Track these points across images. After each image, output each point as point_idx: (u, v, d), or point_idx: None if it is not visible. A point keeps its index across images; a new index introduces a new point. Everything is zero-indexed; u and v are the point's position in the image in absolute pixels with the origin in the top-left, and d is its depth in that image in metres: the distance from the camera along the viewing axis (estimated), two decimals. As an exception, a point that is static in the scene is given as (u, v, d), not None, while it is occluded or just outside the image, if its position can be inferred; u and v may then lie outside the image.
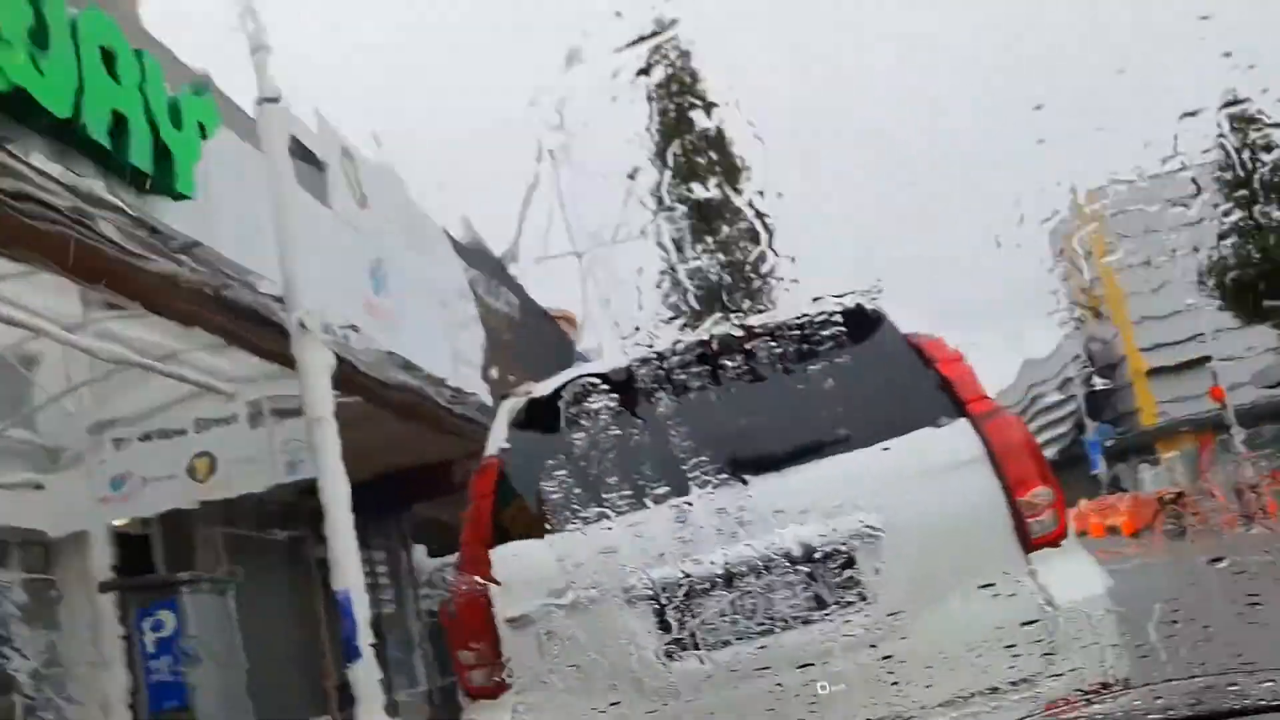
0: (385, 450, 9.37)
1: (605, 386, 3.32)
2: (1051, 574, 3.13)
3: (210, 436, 7.79)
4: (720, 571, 3.11)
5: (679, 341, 3.42)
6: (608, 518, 3.19)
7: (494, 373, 10.63)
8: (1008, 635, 2.95)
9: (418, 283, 9.59)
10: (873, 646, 3.01)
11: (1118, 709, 1.24)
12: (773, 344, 3.34)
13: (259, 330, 6.45)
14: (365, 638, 4.86)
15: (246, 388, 7.90)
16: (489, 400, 9.96)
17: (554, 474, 3.70)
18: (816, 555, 3.14)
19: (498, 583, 3.38)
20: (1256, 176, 24.24)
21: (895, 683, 2.85)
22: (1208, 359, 32.48)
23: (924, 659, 2.92)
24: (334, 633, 11.20)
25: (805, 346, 3.36)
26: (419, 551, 16.48)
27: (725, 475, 3.15)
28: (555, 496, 3.64)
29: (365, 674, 4.86)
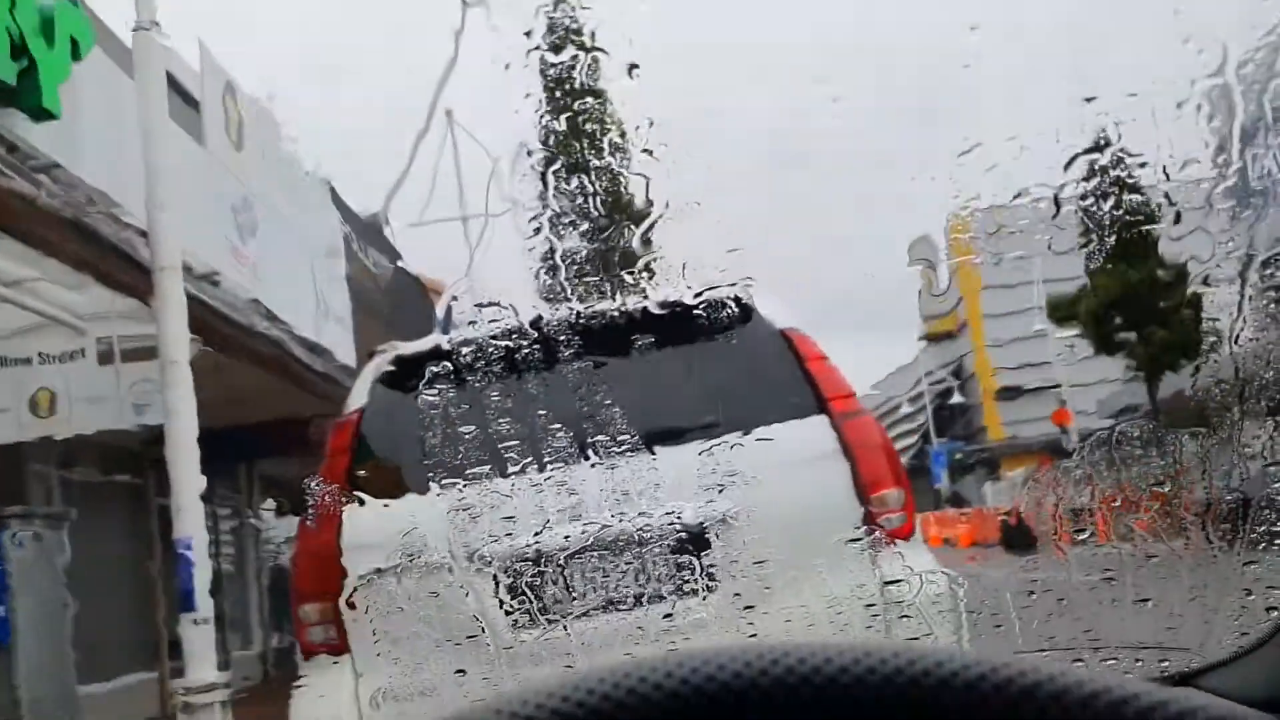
0: (239, 402, 9.13)
1: (471, 354, 3.28)
2: (895, 570, 3.22)
3: (55, 371, 7.46)
4: (570, 546, 3.11)
5: (551, 317, 3.40)
6: (462, 484, 3.16)
7: (359, 333, 10.44)
8: (850, 625, 3.03)
9: (288, 233, 9.35)
10: (718, 629, 3.05)
11: None
12: (644, 326, 3.35)
13: (117, 264, 6.20)
14: (202, 590, 4.72)
15: (97, 324, 7.59)
16: (352, 360, 9.78)
17: (412, 436, 3.65)
18: (669, 537, 3.17)
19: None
20: (1108, 215, 25.29)
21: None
22: (1057, 385, 33.82)
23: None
24: (169, 586, 10.89)
25: (676, 332, 3.38)
26: (266, 509, 16.13)
27: (583, 453, 3.15)
28: (411, 458, 3.60)
29: (199, 627, 4.73)
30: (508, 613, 3.14)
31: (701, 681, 0.48)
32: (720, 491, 3.18)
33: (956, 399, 49.96)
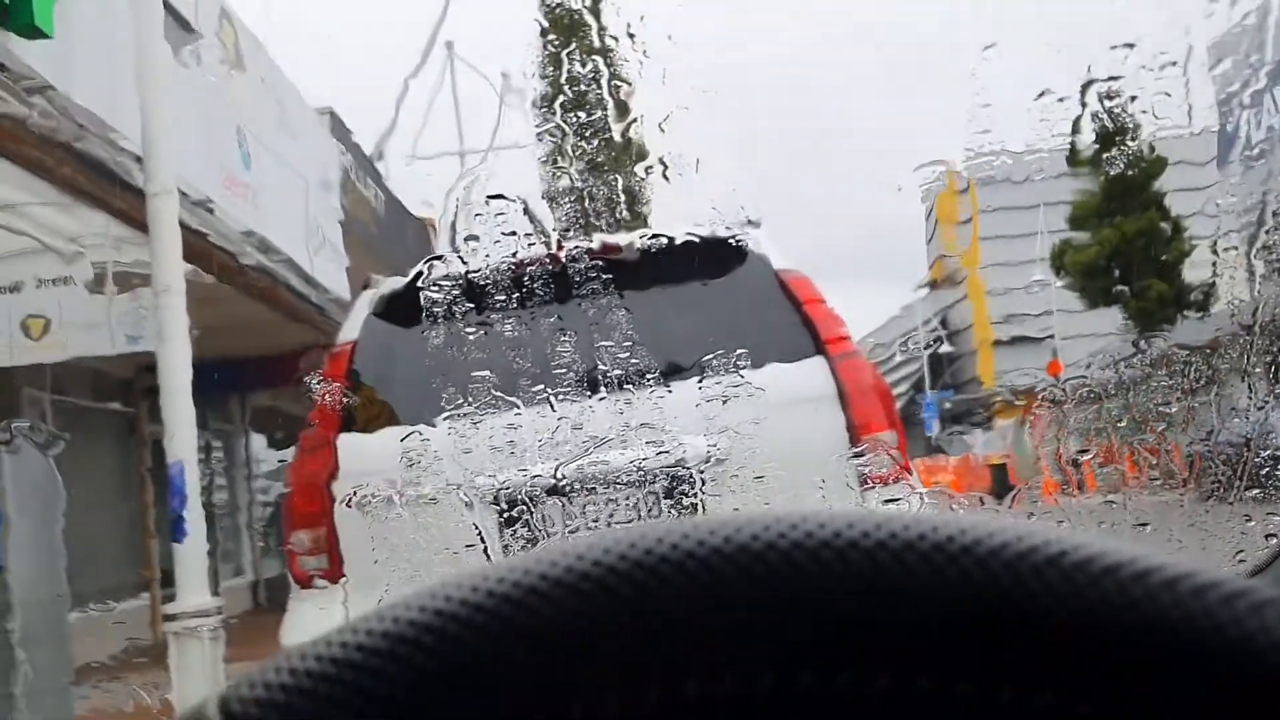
0: (232, 332, 9.11)
1: (467, 287, 3.27)
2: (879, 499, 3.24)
3: (47, 296, 7.43)
4: (562, 480, 3.12)
5: (548, 252, 3.39)
6: (455, 417, 3.16)
7: (354, 266, 10.40)
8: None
9: (285, 163, 9.27)
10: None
11: None
12: (641, 264, 3.34)
13: (111, 189, 6.15)
14: (194, 516, 4.73)
15: (90, 249, 7.55)
16: (346, 293, 9.75)
17: (406, 367, 3.65)
18: (659, 474, 3.18)
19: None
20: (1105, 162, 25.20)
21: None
22: (1051, 335, 33.87)
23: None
24: (160, 515, 10.94)
25: (675, 270, 3.37)
26: (258, 441, 16.18)
27: (576, 388, 3.15)
28: (405, 390, 3.60)
29: (191, 554, 4.74)
30: (499, 545, 3.16)
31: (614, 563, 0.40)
32: (714, 431, 3.19)
33: (949, 348, 50.05)
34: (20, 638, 4.34)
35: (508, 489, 3.14)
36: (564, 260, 3.28)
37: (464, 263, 3.22)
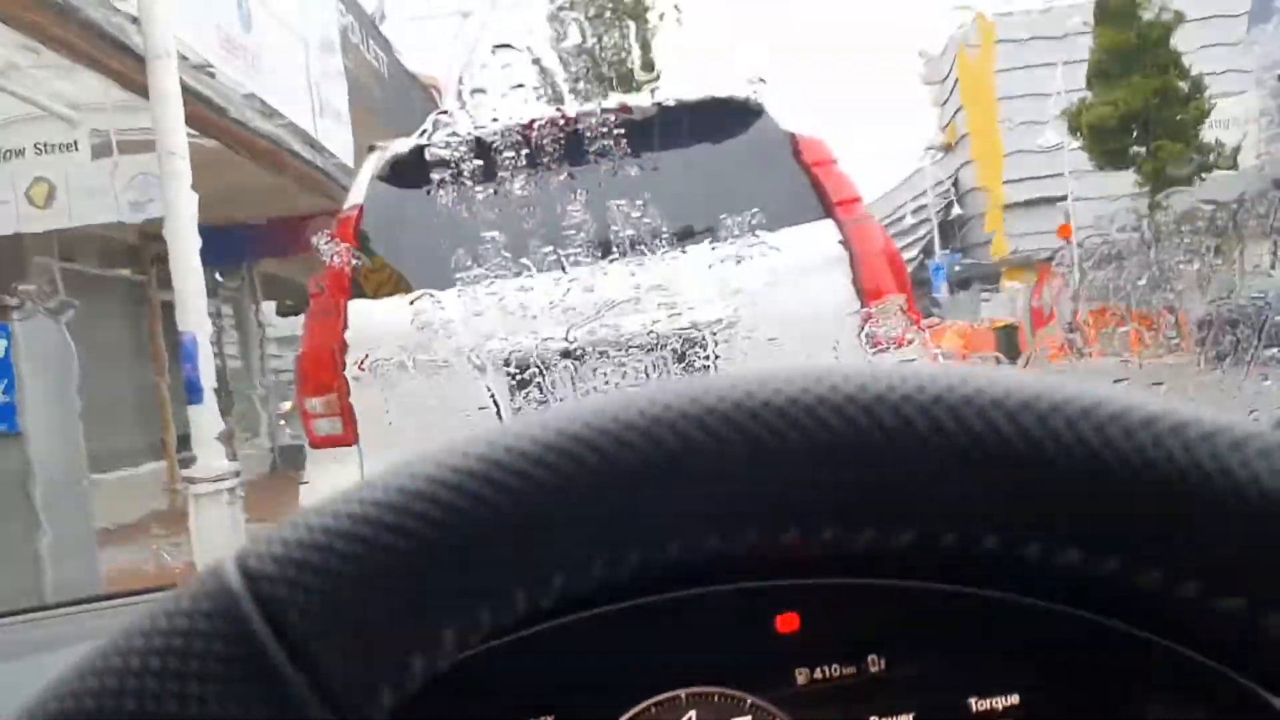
0: (237, 199, 9.05)
1: (475, 145, 3.23)
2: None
3: (50, 162, 7.37)
4: (573, 343, 3.13)
5: (557, 109, 3.34)
6: (465, 280, 3.16)
7: (357, 130, 10.26)
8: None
9: (286, 24, 9.08)
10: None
11: None
12: (650, 124, 3.29)
13: (110, 51, 6.04)
14: (208, 381, 4.78)
15: (92, 115, 7.46)
16: (350, 158, 9.65)
17: (414, 231, 3.64)
18: (671, 337, 3.19)
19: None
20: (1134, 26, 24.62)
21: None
22: (1063, 198, 33.54)
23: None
24: (174, 381, 11.05)
25: (684, 130, 3.32)
26: (268, 307, 16.23)
27: (588, 251, 3.14)
28: (413, 254, 3.59)
29: (207, 417, 4.81)
30: (510, 408, 3.20)
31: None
32: (726, 293, 3.19)
33: (959, 211, 49.63)
34: (41, 502, 4.42)
35: (519, 352, 3.15)
36: (574, 118, 3.23)
37: (471, 119, 3.17)
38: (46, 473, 4.49)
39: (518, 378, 3.17)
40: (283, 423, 14.59)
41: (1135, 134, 25.65)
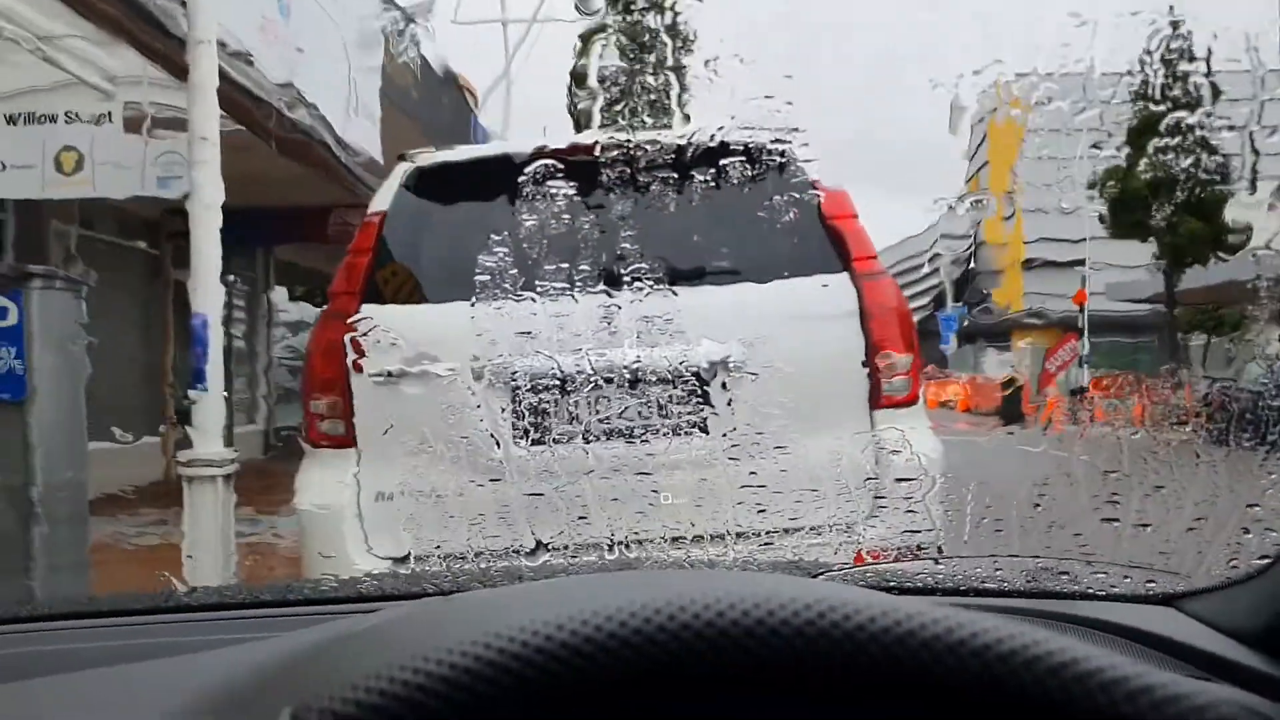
0: (261, 184, 9.09)
1: (505, 169, 3.26)
2: (893, 434, 3.28)
3: (81, 131, 7.41)
4: (580, 373, 3.16)
5: (586, 142, 3.37)
6: (478, 298, 3.19)
7: (389, 130, 10.31)
8: (841, 481, 3.11)
9: (326, 18, 9.14)
10: (712, 467, 3.13)
11: (957, 572, 1.32)
12: (677, 162, 3.32)
13: (153, 32, 6.10)
14: (215, 365, 4.81)
15: (127, 89, 7.50)
16: (378, 155, 9.69)
17: (434, 243, 3.67)
18: (675, 376, 3.22)
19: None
20: (1165, 106, 24.68)
21: (730, 505, 2.97)
22: (1080, 262, 33.56)
23: (760, 489, 3.05)
24: (180, 356, 11.08)
25: (710, 170, 3.35)
26: (279, 293, 16.28)
27: (602, 282, 3.17)
28: (431, 265, 3.63)
29: (209, 401, 4.83)
30: (510, 429, 3.22)
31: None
32: (736, 336, 3.22)
33: (973, 266, 49.66)
34: (41, 464, 4.45)
35: (527, 373, 3.18)
36: (605, 148, 3.27)
37: (506, 140, 3.22)
38: (47, 439, 4.52)
39: (523, 400, 3.20)
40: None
41: (1158, 207, 25.68)
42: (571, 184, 3.13)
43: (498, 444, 3.20)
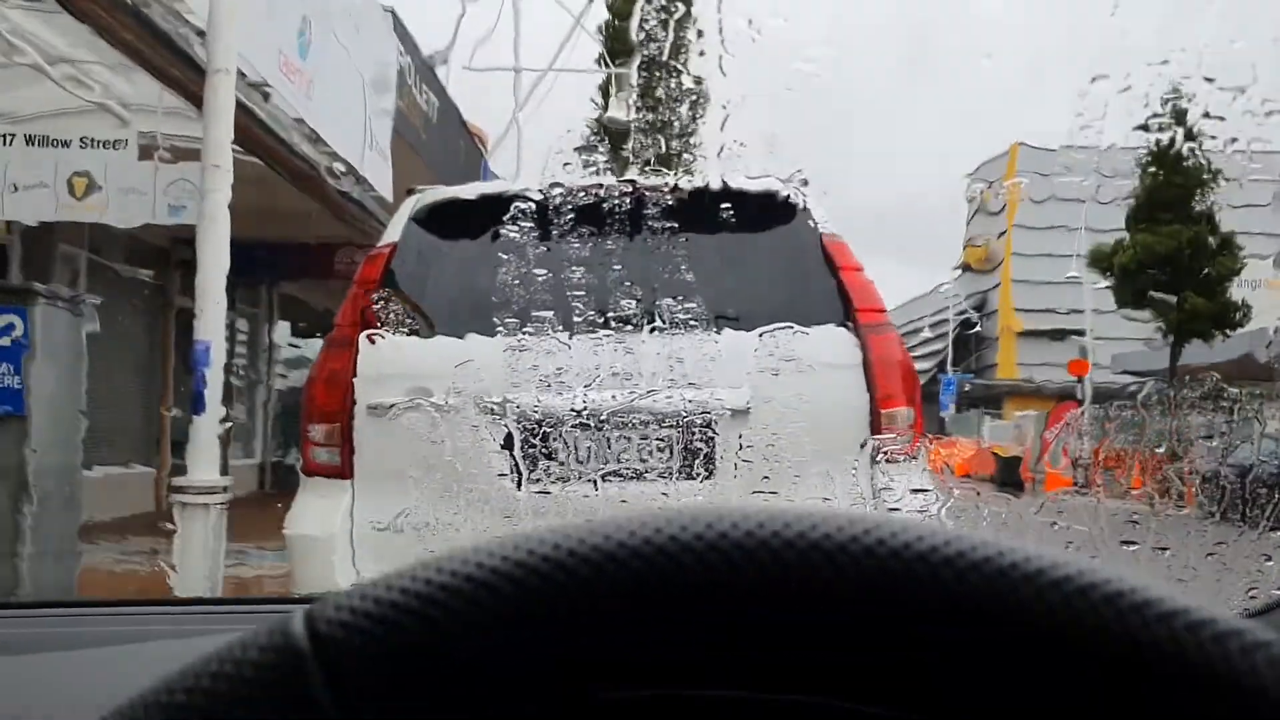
0: (270, 218, 9.15)
1: (513, 207, 3.27)
2: (893, 487, 3.26)
3: (95, 156, 7.46)
4: (585, 411, 3.15)
5: (596, 184, 3.39)
6: (485, 334, 3.19)
7: (400, 169, 10.37)
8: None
9: (345, 57, 9.23)
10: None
11: None
12: (689, 207, 3.33)
13: (171, 60, 6.15)
14: (214, 394, 4.80)
15: (142, 117, 7.57)
16: (389, 194, 9.74)
17: (440, 277, 3.68)
18: (678, 420, 3.21)
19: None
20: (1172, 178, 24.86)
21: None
22: (1081, 332, 33.63)
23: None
24: (179, 385, 11.07)
25: (720, 216, 3.36)
26: (282, 328, 16.29)
27: (610, 324, 3.17)
28: (437, 299, 3.63)
29: (207, 430, 4.81)
30: (510, 465, 3.20)
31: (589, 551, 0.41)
32: (743, 384, 3.21)
33: (976, 331, 49.79)
34: (34, 483, 4.43)
35: (530, 411, 3.17)
36: (616, 191, 3.28)
37: (519, 181, 3.22)
38: (42, 458, 4.50)
39: (525, 436, 3.19)
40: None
41: (1163, 281, 25.77)
42: (580, 225, 3.14)
43: (499, 480, 3.18)
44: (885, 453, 3.36)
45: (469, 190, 3.97)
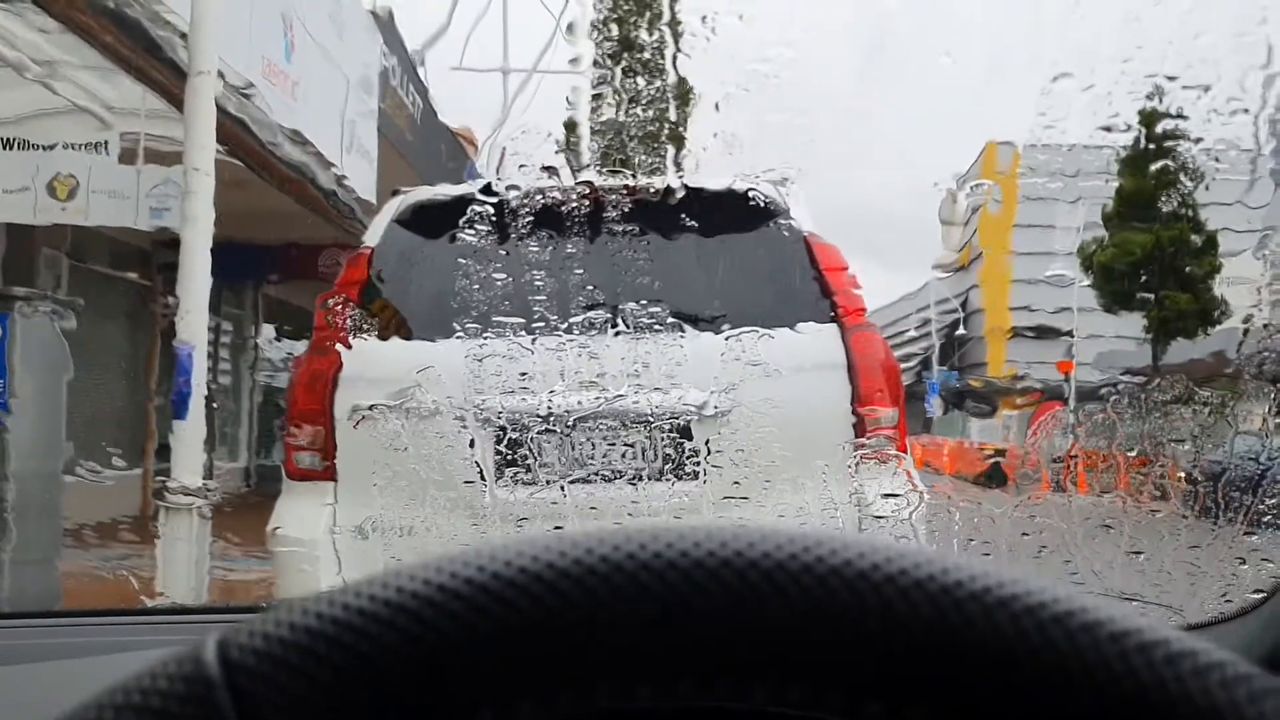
0: (253, 221, 9.11)
1: (496, 207, 3.26)
2: (875, 488, 3.26)
3: (77, 159, 7.41)
4: (564, 413, 3.15)
5: (578, 183, 3.38)
6: (466, 336, 3.18)
7: (383, 170, 10.35)
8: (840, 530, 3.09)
9: (328, 58, 9.21)
10: (696, 514, 3.11)
11: None
12: (671, 208, 3.33)
13: (153, 62, 6.13)
14: (198, 398, 4.77)
15: (125, 120, 7.53)
16: (372, 196, 9.73)
17: (423, 279, 3.67)
18: (658, 422, 3.20)
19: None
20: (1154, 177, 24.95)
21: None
22: (1068, 332, 33.73)
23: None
24: (163, 389, 11.01)
25: (703, 217, 3.36)
26: (266, 330, 16.23)
27: (590, 324, 3.16)
28: (419, 301, 3.62)
29: (190, 434, 4.79)
30: (491, 468, 3.20)
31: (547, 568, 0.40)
32: (721, 384, 3.21)
33: (962, 331, 49.90)
34: (14, 489, 4.40)
35: (512, 412, 3.17)
36: (599, 191, 3.27)
37: (502, 180, 3.22)
38: (23, 464, 4.47)
39: (503, 439, 3.18)
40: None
41: (1145, 280, 25.87)
42: (562, 224, 3.13)
43: (479, 482, 3.17)
44: (864, 455, 3.36)
45: (447, 189, 3.96)
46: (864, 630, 0.39)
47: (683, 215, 3.32)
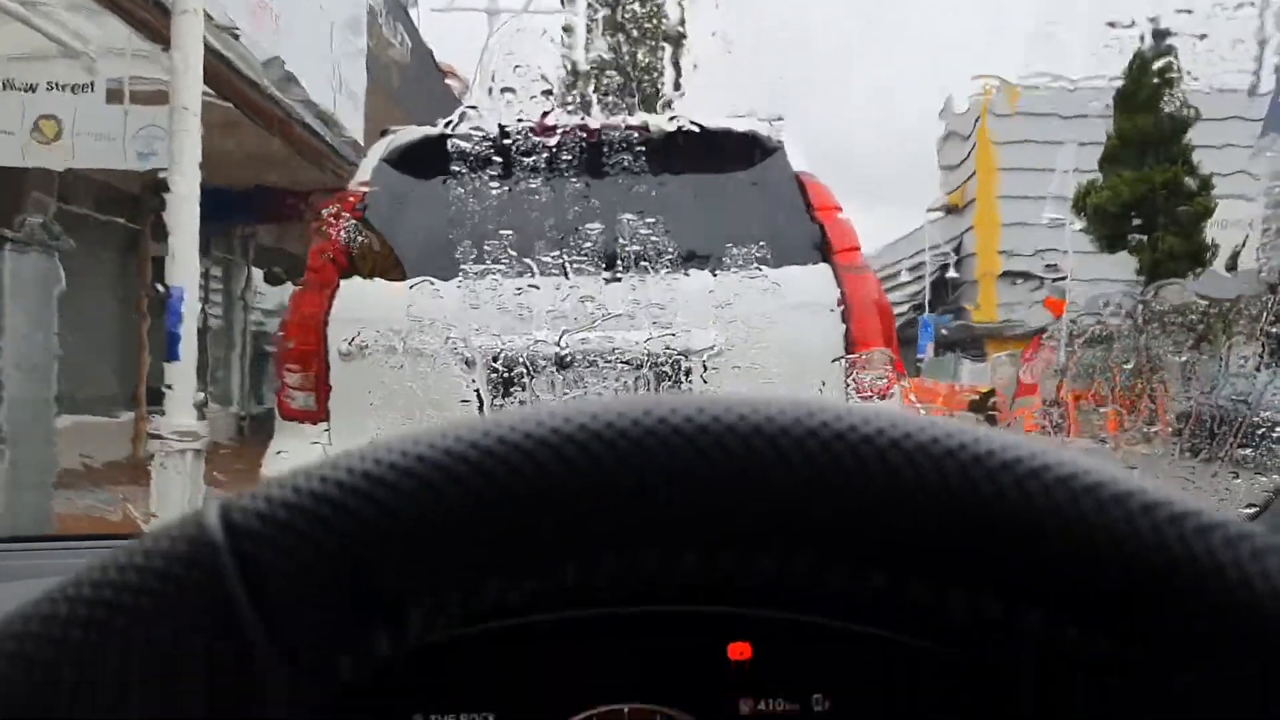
0: (241, 162, 9.03)
1: (487, 144, 3.23)
2: None
3: (62, 100, 7.34)
4: (564, 350, 3.14)
5: (570, 122, 3.35)
6: (460, 276, 3.16)
7: (371, 111, 10.25)
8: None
9: (314, -2, 9.09)
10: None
11: None
12: (666, 146, 3.31)
13: (138, 1, 6.05)
14: (189, 340, 4.76)
15: (110, 60, 7.43)
16: (361, 138, 9.64)
17: (415, 218, 3.65)
18: (651, 360, 3.20)
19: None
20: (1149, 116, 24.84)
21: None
22: (1061, 276, 33.73)
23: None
24: (154, 334, 10.98)
25: (698, 156, 3.34)
26: (258, 275, 16.17)
27: (589, 261, 3.15)
28: (412, 240, 3.60)
29: (182, 376, 4.78)
30: (487, 407, 3.19)
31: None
32: (720, 321, 3.20)
33: (954, 274, 49.89)
34: (6, 437, 4.40)
35: (508, 351, 3.16)
36: (594, 130, 3.24)
37: (495, 117, 3.18)
38: (14, 411, 4.46)
39: (503, 377, 3.17)
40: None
41: (1138, 222, 25.84)
42: (561, 161, 3.10)
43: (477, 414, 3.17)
44: (865, 390, 3.36)
45: (438, 128, 3.92)
46: (871, 499, 0.39)
47: (678, 154, 3.29)
